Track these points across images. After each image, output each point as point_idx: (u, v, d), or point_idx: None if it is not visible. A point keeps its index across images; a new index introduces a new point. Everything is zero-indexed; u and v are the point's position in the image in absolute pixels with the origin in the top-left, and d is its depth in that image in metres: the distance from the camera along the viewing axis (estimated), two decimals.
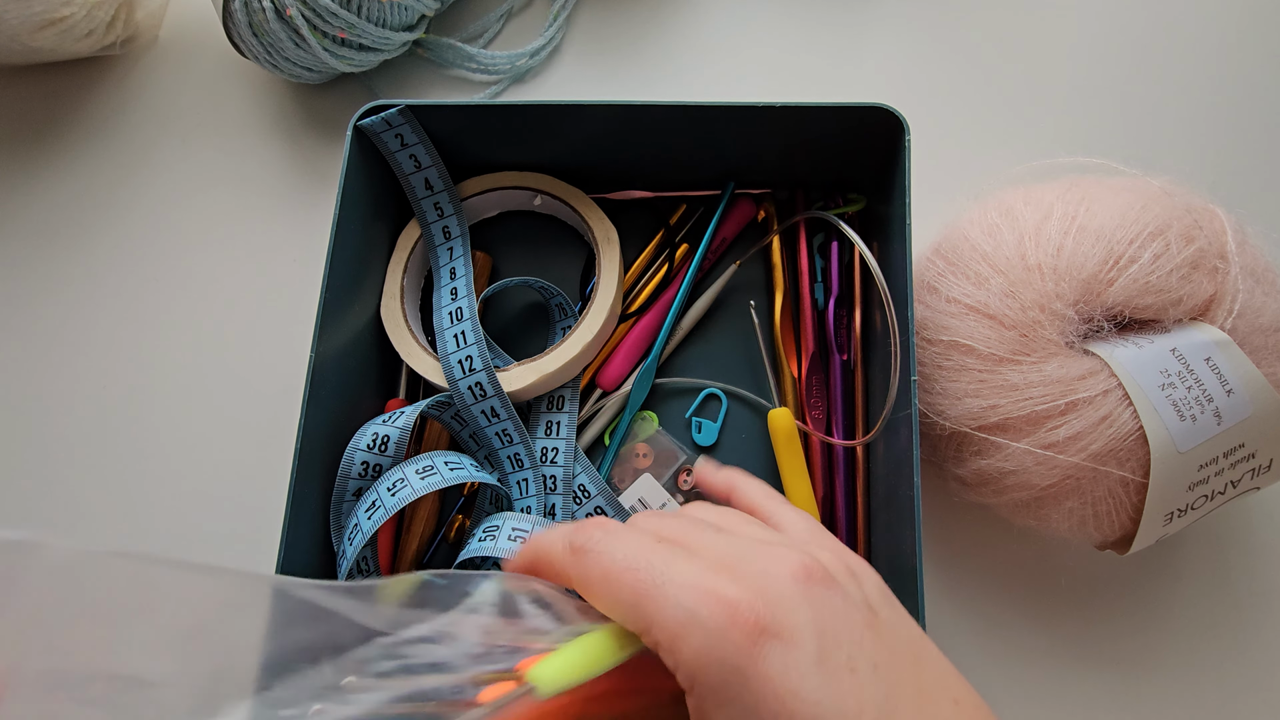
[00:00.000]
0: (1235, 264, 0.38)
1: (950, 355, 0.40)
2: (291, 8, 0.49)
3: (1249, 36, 0.56)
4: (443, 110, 0.45)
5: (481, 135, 0.47)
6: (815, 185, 0.50)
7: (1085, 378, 0.37)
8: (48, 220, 0.56)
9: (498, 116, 0.45)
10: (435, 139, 0.47)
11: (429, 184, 0.48)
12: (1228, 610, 0.45)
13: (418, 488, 0.39)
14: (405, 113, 0.44)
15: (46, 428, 0.51)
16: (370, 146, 0.45)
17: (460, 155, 0.48)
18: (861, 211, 0.49)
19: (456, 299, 0.46)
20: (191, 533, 0.49)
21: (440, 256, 0.48)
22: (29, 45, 0.53)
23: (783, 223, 0.50)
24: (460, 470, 0.41)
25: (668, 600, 0.22)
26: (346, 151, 0.43)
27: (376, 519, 0.39)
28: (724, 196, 0.50)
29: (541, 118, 0.45)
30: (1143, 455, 0.36)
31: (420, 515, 0.46)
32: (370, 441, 0.42)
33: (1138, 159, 0.44)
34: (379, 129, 0.44)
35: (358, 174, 0.44)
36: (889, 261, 0.43)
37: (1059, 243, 0.38)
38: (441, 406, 0.45)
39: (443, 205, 0.48)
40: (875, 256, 0.44)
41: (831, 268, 0.48)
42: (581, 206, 0.49)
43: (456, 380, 0.44)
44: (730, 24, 0.58)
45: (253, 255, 0.54)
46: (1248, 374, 0.36)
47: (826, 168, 0.48)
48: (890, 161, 0.44)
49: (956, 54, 0.56)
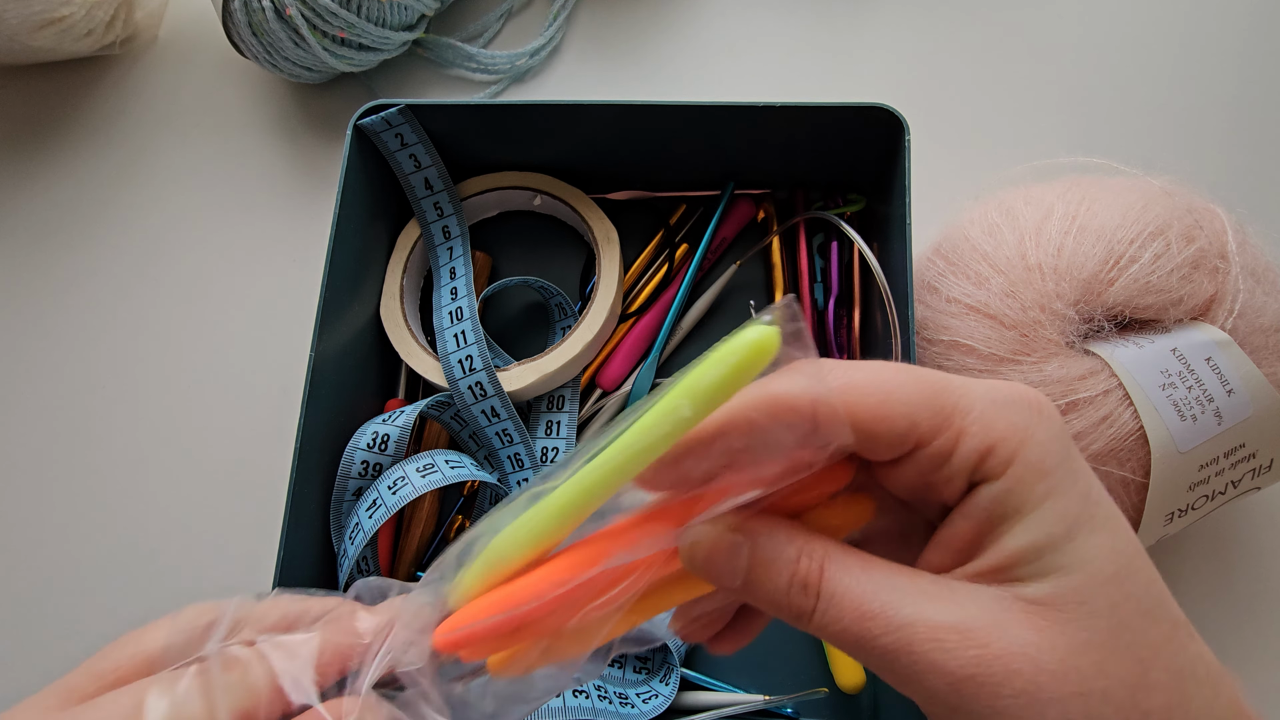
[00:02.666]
0: (1236, 264, 0.38)
1: (951, 355, 0.39)
2: (291, 7, 0.49)
3: (1248, 36, 0.56)
4: (443, 110, 0.45)
5: (481, 135, 0.47)
6: (815, 185, 0.50)
7: (1086, 378, 0.37)
8: (47, 219, 0.56)
9: (498, 116, 0.45)
10: (435, 138, 0.47)
11: (429, 184, 0.48)
12: (1227, 611, 0.45)
13: (418, 485, 0.39)
14: (405, 112, 0.44)
15: (47, 427, 0.51)
16: (370, 146, 0.45)
17: (460, 155, 0.48)
18: (861, 211, 0.49)
19: (456, 299, 0.46)
20: (190, 532, 0.49)
21: (440, 256, 0.48)
22: (28, 45, 0.53)
23: (782, 223, 0.50)
24: (461, 469, 0.41)
25: (966, 386, 0.21)
26: (346, 151, 0.43)
27: (378, 518, 0.39)
28: (724, 197, 0.50)
29: (542, 117, 0.45)
30: (1143, 455, 0.36)
31: (420, 515, 0.46)
32: (370, 440, 0.42)
33: (1138, 159, 0.44)
34: (379, 128, 0.44)
35: (358, 173, 0.44)
36: (889, 261, 0.43)
37: (1059, 242, 0.38)
38: (441, 406, 0.45)
39: (442, 205, 0.48)
40: (875, 256, 0.44)
41: (831, 268, 0.48)
42: (581, 206, 0.49)
43: (457, 380, 0.44)
44: (730, 24, 0.58)
45: (252, 255, 0.54)
46: (1248, 374, 0.36)
47: (826, 167, 0.48)
48: (890, 161, 0.44)
49: (956, 53, 0.56)
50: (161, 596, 0.48)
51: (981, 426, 0.20)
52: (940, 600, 0.19)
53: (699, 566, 0.21)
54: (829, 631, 0.20)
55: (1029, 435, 0.20)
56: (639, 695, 0.40)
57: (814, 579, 0.20)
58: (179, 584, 0.48)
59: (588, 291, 0.47)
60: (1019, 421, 0.20)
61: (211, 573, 0.48)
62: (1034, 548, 0.19)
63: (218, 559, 0.48)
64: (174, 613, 0.22)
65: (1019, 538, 0.19)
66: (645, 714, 0.39)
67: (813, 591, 0.20)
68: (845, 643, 0.20)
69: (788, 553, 0.21)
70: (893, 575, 0.20)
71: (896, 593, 0.20)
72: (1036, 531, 0.19)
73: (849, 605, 0.20)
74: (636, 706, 0.40)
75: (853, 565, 0.20)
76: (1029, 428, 0.20)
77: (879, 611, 0.19)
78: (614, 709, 0.39)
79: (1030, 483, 0.20)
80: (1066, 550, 0.19)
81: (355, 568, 0.41)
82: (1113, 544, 0.19)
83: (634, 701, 0.40)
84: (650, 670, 0.43)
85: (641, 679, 0.42)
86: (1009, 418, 0.20)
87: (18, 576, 0.49)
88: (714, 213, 0.49)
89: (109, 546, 0.49)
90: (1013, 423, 0.20)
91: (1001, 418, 0.20)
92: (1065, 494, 0.20)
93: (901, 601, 0.19)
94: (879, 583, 0.20)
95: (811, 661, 0.44)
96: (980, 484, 0.20)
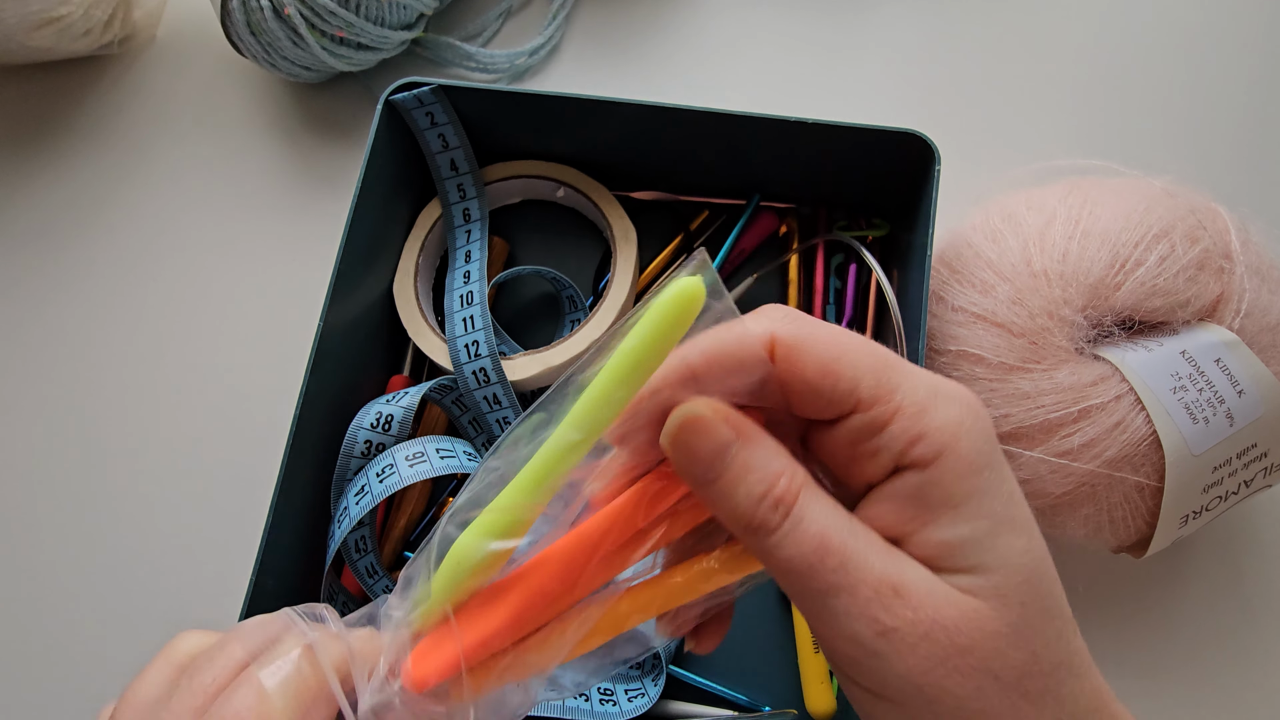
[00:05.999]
0: (1240, 263, 0.38)
1: (959, 365, 0.39)
2: (290, 7, 0.48)
3: (1247, 35, 0.56)
4: (474, 94, 0.44)
5: (510, 122, 0.46)
6: (840, 204, 0.49)
7: (1097, 384, 0.36)
8: (45, 218, 0.55)
9: (528, 104, 0.45)
10: (464, 121, 0.46)
11: (454, 165, 0.47)
12: (1237, 611, 0.45)
13: (405, 475, 0.39)
14: (438, 91, 0.44)
15: (47, 425, 0.51)
16: (398, 122, 0.45)
17: (488, 139, 0.48)
18: (884, 237, 0.48)
19: (469, 282, 0.45)
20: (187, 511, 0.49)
21: (458, 238, 0.47)
22: (26, 44, 0.53)
23: (804, 239, 0.49)
24: (451, 459, 0.41)
25: (913, 371, 0.22)
26: (375, 124, 0.43)
27: (364, 505, 0.39)
28: (748, 208, 0.49)
29: (571, 110, 0.44)
30: (1157, 460, 0.36)
31: (410, 496, 0.46)
32: (374, 420, 0.41)
33: (1137, 159, 0.44)
34: (410, 105, 0.44)
35: (384, 148, 0.43)
36: (906, 289, 0.42)
37: (1064, 248, 0.38)
38: (444, 390, 0.45)
39: (466, 187, 0.48)
40: (894, 284, 0.43)
41: (847, 291, 0.48)
42: (603, 202, 0.48)
43: (461, 364, 0.44)
44: (729, 24, 0.58)
45: (250, 254, 0.54)
46: (1258, 373, 0.36)
47: (852, 188, 0.47)
48: (918, 188, 0.43)
49: (956, 56, 0.56)
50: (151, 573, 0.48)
51: (917, 410, 0.21)
52: (890, 557, 0.21)
53: (680, 446, 0.22)
54: (782, 554, 0.21)
55: (963, 431, 0.21)
56: (627, 693, 0.41)
57: (789, 499, 0.21)
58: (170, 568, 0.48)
59: (600, 288, 0.47)
60: (954, 416, 0.21)
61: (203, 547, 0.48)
62: (961, 542, 0.21)
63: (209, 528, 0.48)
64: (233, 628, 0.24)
65: (947, 530, 0.21)
66: (626, 713, 0.40)
67: (783, 511, 0.21)
68: (793, 569, 0.21)
69: (774, 465, 0.21)
70: (854, 523, 0.21)
71: (855, 538, 0.21)
72: (964, 527, 0.21)
73: (813, 533, 0.21)
74: (620, 704, 0.40)
75: (825, 499, 0.21)
76: (964, 424, 0.21)
77: (837, 548, 0.21)
78: (588, 707, 0.39)
79: (960, 477, 0.21)
80: (990, 548, 0.21)
81: (352, 548, 0.41)
82: (1028, 546, 0.21)
83: (619, 699, 0.40)
84: (641, 667, 0.43)
85: (635, 675, 0.42)
86: (946, 410, 0.21)
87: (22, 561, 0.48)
88: (736, 222, 0.49)
89: (110, 532, 0.49)
90: (948, 416, 0.21)
91: (939, 409, 0.21)
92: (993, 494, 0.21)
93: (859, 546, 0.21)
94: (843, 524, 0.21)
95: (787, 683, 0.44)
96: (907, 469, 0.21)
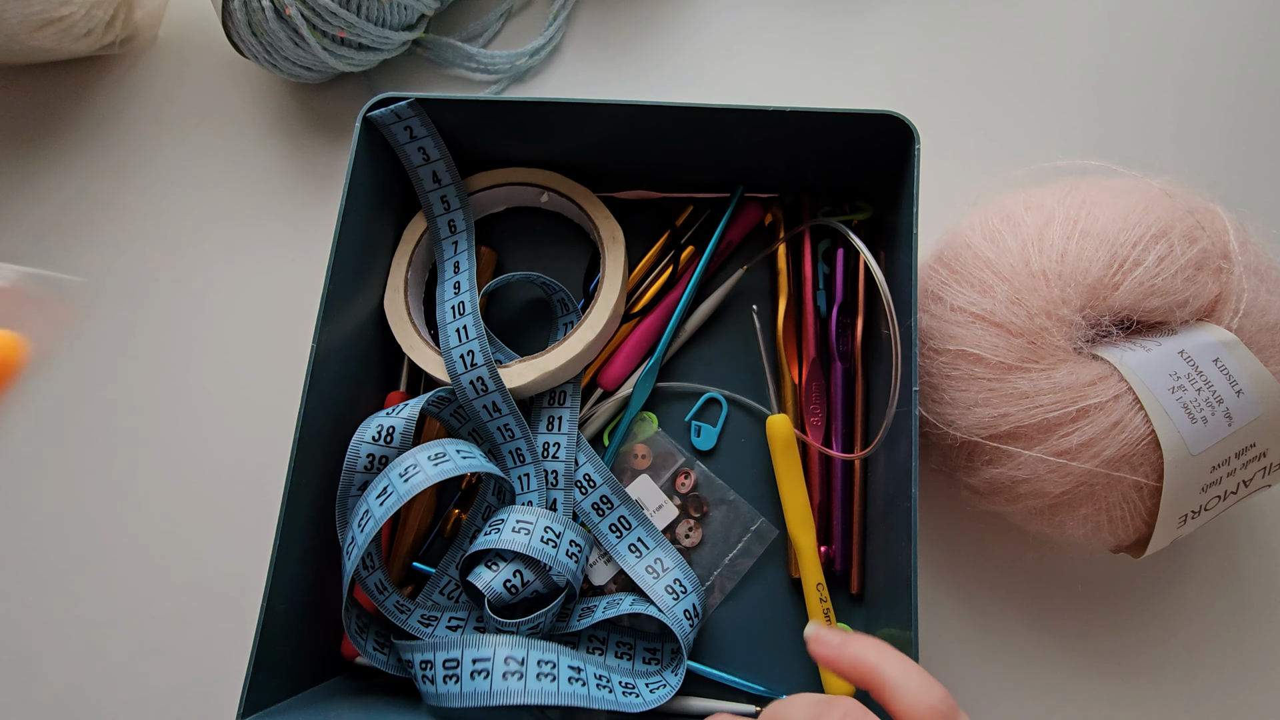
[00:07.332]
0: (1239, 263, 0.38)
1: (958, 364, 0.39)
2: (291, 7, 0.49)
3: (1245, 35, 0.56)
4: (452, 104, 0.44)
5: (490, 130, 0.46)
6: (824, 191, 0.50)
7: (1095, 383, 0.36)
8: (47, 219, 0.55)
9: (507, 112, 0.45)
10: (444, 133, 0.46)
11: (436, 177, 0.47)
12: (1236, 611, 0.45)
13: (430, 474, 0.39)
14: (415, 105, 0.44)
15: (47, 424, 0.51)
16: (379, 138, 0.45)
17: (469, 150, 0.48)
18: (869, 220, 0.49)
19: (460, 293, 0.45)
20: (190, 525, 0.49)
21: (445, 250, 0.48)
22: (28, 44, 0.53)
23: (790, 227, 0.49)
24: (472, 459, 0.41)
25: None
26: (355, 142, 0.43)
27: (389, 505, 0.39)
28: (732, 200, 0.49)
29: (551, 115, 0.44)
30: (1155, 459, 0.36)
31: (417, 509, 0.46)
32: (375, 433, 0.41)
33: (1135, 159, 0.44)
34: (388, 121, 0.44)
35: (365, 165, 0.44)
36: (894, 271, 0.42)
37: (1062, 248, 0.38)
38: (442, 402, 0.45)
39: (449, 199, 0.48)
40: (881, 265, 0.43)
41: (836, 275, 0.48)
42: (588, 205, 0.49)
43: (458, 375, 0.44)
44: (729, 23, 0.58)
45: (251, 254, 0.54)
46: (1256, 373, 0.36)
47: (835, 174, 0.48)
48: (899, 170, 0.43)
49: (954, 54, 0.56)
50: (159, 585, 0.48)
51: None
52: None
53: None
54: None
55: None
56: (648, 685, 0.41)
57: None
58: (176, 573, 0.48)
59: (591, 289, 0.47)
60: None
61: (208, 563, 0.48)
62: None
63: (214, 548, 0.48)
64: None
65: None
66: (649, 704, 0.40)
67: None
68: None
69: None
70: None
71: None
72: None
73: None
74: (643, 696, 0.40)
75: None
76: None
77: None
78: (612, 698, 0.39)
79: None
80: None
81: (360, 566, 0.41)
82: None
83: (640, 691, 0.40)
84: (661, 661, 0.43)
85: (654, 670, 0.42)
86: None
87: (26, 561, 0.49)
88: (721, 215, 0.49)
89: (109, 536, 0.49)
90: None
91: None
92: None
93: None
94: None
95: (803, 673, 0.44)
96: None
